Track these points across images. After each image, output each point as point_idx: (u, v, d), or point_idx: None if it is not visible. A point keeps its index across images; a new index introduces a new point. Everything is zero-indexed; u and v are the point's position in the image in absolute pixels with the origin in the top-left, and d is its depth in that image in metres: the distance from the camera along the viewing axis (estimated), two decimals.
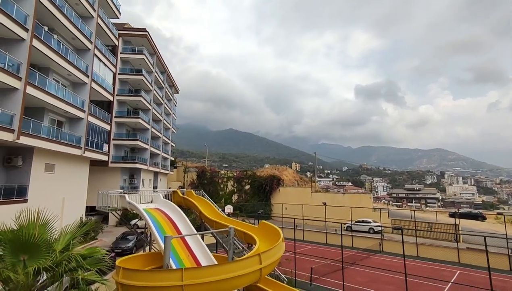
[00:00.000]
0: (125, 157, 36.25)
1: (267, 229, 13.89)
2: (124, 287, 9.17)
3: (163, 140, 47.86)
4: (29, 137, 17.01)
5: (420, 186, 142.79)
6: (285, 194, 40.26)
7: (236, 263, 9.81)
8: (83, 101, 22.75)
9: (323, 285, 16.40)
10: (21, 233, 6.33)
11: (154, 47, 41.68)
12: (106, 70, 27.06)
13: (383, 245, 25.48)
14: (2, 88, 15.90)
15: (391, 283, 17.03)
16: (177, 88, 58.96)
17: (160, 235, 13.83)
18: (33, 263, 6.54)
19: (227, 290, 10.17)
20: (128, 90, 37.22)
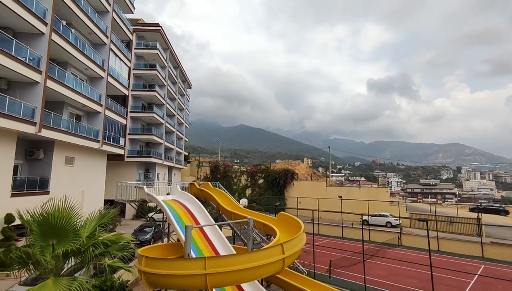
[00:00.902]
0: (140, 151, 36.70)
1: (286, 220, 13.70)
2: (147, 275, 9.19)
3: (176, 135, 48.22)
4: (50, 130, 17.32)
5: (436, 181, 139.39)
6: (299, 188, 39.94)
7: (259, 252, 9.67)
8: (100, 95, 23.03)
9: (343, 278, 16.14)
10: (49, 217, 6.35)
11: (167, 42, 41.82)
12: (122, 65, 27.29)
13: (402, 239, 24.97)
14: (24, 82, 16.20)
15: (413, 276, 16.62)
16: (189, 84, 59.18)
17: (179, 226, 13.87)
18: (61, 247, 6.58)
19: (249, 279, 10.08)
20: (143, 85, 37.53)
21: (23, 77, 15.60)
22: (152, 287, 9.95)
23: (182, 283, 9.14)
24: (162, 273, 9.06)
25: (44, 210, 6.62)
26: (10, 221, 15.06)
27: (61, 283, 6.04)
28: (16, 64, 14.76)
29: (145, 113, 36.55)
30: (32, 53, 16.08)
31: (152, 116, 36.48)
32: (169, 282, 9.18)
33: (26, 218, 7.03)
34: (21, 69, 15.04)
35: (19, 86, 16.26)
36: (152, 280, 9.35)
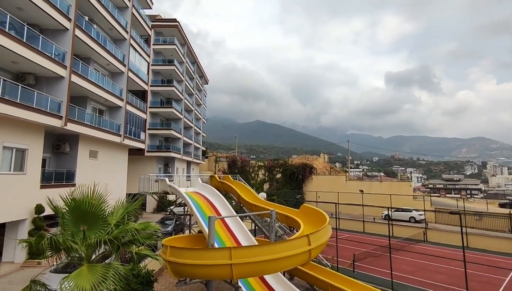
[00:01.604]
0: (159, 146, 37.27)
1: (310, 212, 13.41)
2: (173, 265, 9.20)
3: (194, 130, 48.65)
4: (75, 124, 17.75)
5: (459, 177, 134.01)
6: (318, 182, 39.37)
7: (285, 243, 9.47)
8: (121, 90, 23.41)
9: (367, 273, 15.71)
10: (80, 203, 6.38)
11: (184, 38, 42.04)
12: (141, 60, 27.63)
13: (427, 234, 24.09)
14: (50, 77, 16.63)
15: (441, 272, 15.96)
16: (206, 79, 59.45)
17: (202, 217, 13.89)
18: (91, 234, 6.62)
19: (274, 270, 9.91)
20: (161, 81, 37.97)
21: (49, 72, 16.01)
22: (177, 277, 10.00)
23: (207, 273, 9.09)
24: (187, 262, 9.03)
25: (74, 196, 6.66)
26: (40, 211, 15.59)
27: (97, 270, 6.05)
28: (43, 60, 15.15)
29: (164, 109, 37.01)
30: (57, 49, 16.45)
31: (171, 111, 36.89)
32: (194, 272, 9.16)
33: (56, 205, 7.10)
34: (47, 64, 15.43)
35: (45, 81, 16.72)
36: (177, 270, 9.37)
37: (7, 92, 13.17)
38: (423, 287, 13.64)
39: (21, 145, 14.93)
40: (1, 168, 13.84)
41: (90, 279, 5.75)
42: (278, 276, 11.83)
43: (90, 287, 5.58)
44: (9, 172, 14.37)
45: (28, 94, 14.41)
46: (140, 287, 10.39)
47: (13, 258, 15.10)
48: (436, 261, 17.59)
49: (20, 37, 13.77)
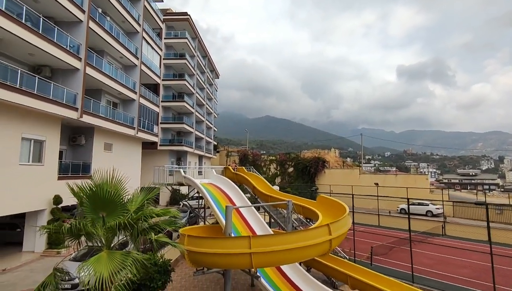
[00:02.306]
0: (172, 140, 37.43)
1: (327, 203, 13.10)
2: (191, 254, 9.09)
3: (206, 124, 48.69)
4: (90, 116, 17.88)
5: (476, 171, 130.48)
6: (331, 176, 38.86)
7: (306, 232, 9.23)
8: (134, 83, 23.47)
9: (385, 266, 15.34)
10: (98, 189, 6.29)
11: (195, 31, 41.89)
12: (154, 54, 27.64)
13: (446, 228, 23.46)
14: (65, 69, 16.75)
15: (464, 266, 15.45)
16: (217, 73, 59.31)
17: (218, 207, 13.77)
18: (111, 220, 6.54)
19: (294, 260, 9.69)
20: (173, 75, 38.02)
21: (64, 64, 16.10)
22: (195, 266, 9.90)
23: (226, 262, 8.94)
24: (206, 251, 8.91)
25: (93, 183, 6.58)
26: (58, 202, 15.81)
27: (116, 256, 5.97)
28: (59, 51, 15.23)
29: (176, 103, 37.08)
30: (72, 41, 16.53)
31: (182, 105, 36.93)
32: (212, 261, 9.03)
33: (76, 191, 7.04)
34: (63, 56, 15.51)
35: (61, 74, 16.84)
36: (195, 259, 9.25)
37: (24, 83, 13.29)
38: (446, 281, 13.21)
39: (39, 137, 15.11)
40: (21, 158, 14.03)
41: (109, 266, 5.66)
42: (296, 266, 11.62)
43: (108, 274, 5.48)
44: (28, 163, 14.57)
45: (44, 85, 14.52)
46: (158, 276, 10.36)
47: (33, 248, 15.40)
48: (457, 254, 17.10)
49: (36, 29, 13.84)
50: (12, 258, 14.41)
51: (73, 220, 6.53)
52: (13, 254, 14.95)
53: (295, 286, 11.03)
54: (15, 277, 12.25)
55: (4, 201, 13.05)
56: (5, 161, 13.14)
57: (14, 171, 13.61)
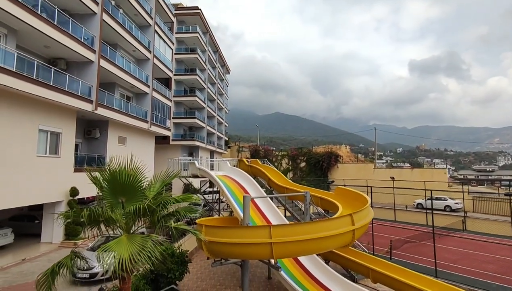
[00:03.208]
0: (184, 135, 37.47)
1: (347, 194, 12.71)
2: (209, 244, 8.88)
3: (217, 120, 48.59)
4: (104, 109, 17.91)
5: (493, 167, 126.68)
6: (344, 170, 38.20)
7: (328, 222, 8.89)
8: (147, 76, 23.45)
9: (405, 260, 14.83)
10: (117, 174, 6.12)
11: (206, 26, 41.67)
12: (166, 47, 27.56)
13: (466, 223, 22.66)
14: (80, 61, 16.79)
15: (489, 262, 14.79)
16: (228, 68, 59.08)
17: (234, 199, 13.56)
18: (130, 205, 6.37)
19: (316, 250, 9.37)
20: (184, 70, 37.94)
21: (79, 56, 16.12)
22: (213, 257, 9.71)
23: (245, 252, 8.70)
24: (224, 241, 8.69)
25: (111, 168, 6.42)
26: (75, 194, 15.91)
27: (136, 239, 5.82)
28: (74, 43, 15.24)
29: (187, 97, 37.04)
30: (86, 33, 16.52)
31: (194, 100, 36.86)
32: (231, 251, 8.80)
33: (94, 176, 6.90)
34: (78, 48, 15.52)
35: (76, 67, 16.89)
36: (213, 249, 9.04)
37: (40, 75, 13.32)
38: (471, 276, 12.66)
39: (55, 129, 15.19)
40: (38, 150, 14.14)
41: (129, 248, 5.51)
42: (315, 259, 11.31)
43: (128, 256, 5.32)
44: (45, 154, 14.68)
45: (60, 77, 14.56)
46: (175, 266, 10.25)
47: (51, 239, 15.57)
48: (480, 250, 16.49)
49: (52, 20, 13.83)
50: (30, 248, 14.59)
51: (93, 207, 6.40)
52: (32, 245, 15.15)
53: (315, 279, 10.74)
54: (34, 266, 12.37)
55: (22, 191, 13.17)
56: (23, 152, 13.25)
57: (32, 162, 13.71)
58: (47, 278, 5.67)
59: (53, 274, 5.78)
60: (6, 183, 12.39)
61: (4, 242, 14.01)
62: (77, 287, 10.34)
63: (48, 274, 5.72)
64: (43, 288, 5.52)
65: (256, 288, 11.82)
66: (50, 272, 5.75)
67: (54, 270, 5.84)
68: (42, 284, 5.57)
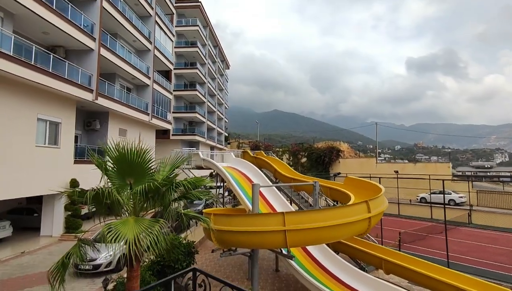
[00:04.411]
0: (184, 129, 36.99)
1: (357, 184, 12.36)
2: (219, 233, 8.50)
3: (217, 115, 48.11)
4: (105, 99, 17.42)
5: (491, 164, 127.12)
6: (346, 165, 37.85)
7: (343, 209, 8.52)
8: (148, 68, 22.94)
9: (415, 252, 14.53)
10: (126, 153, 5.70)
11: (207, 20, 41.09)
12: (166, 39, 27.02)
13: (472, 216, 22.46)
14: (80, 50, 16.27)
15: (500, 254, 14.57)
16: (228, 64, 58.52)
17: (241, 190, 13.17)
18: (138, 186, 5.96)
19: (330, 239, 8.97)
20: (184, 64, 37.41)
21: (79, 44, 15.61)
22: (222, 247, 9.32)
23: (257, 241, 8.30)
24: (235, 230, 8.31)
25: (120, 146, 5.99)
26: (75, 186, 15.42)
27: (143, 222, 5.41)
28: (73, 30, 14.72)
29: (187, 91, 36.54)
30: (86, 20, 16.00)
31: (194, 94, 36.37)
32: (243, 240, 8.40)
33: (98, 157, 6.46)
34: (77, 35, 15.00)
35: (75, 55, 16.37)
36: (223, 239, 8.64)
37: (38, 61, 12.81)
38: (483, 267, 12.40)
39: (55, 118, 14.70)
40: (37, 140, 13.65)
41: (135, 229, 5.09)
42: (325, 249, 10.96)
43: (132, 237, 4.89)
44: (44, 145, 14.19)
45: (59, 64, 14.06)
46: (182, 257, 9.85)
47: (51, 232, 15.13)
48: (491, 242, 16.36)
49: (50, 4, 13.29)
50: (30, 242, 14.15)
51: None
52: (31, 238, 14.71)
53: (326, 270, 10.39)
54: (34, 259, 11.94)
55: (21, 182, 12.70)
56: (21, 142, 12.76)
57: (31, 152, 13.23)
58: (59, 270, 5.33)
59: (64, 266, 5.45)
60: (3, 173, 11.91)
61: (2, 235, 13.57)
62: (80, 280, 9.93)
63: (59, 266, 5.37)
64: (56, 281, 5.20)
65: (264, 281, 11.46)
66: (61, 264, 5.40)
67: (64, 262, 5.48)
68: (55, 276, 5.24)
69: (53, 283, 5.17)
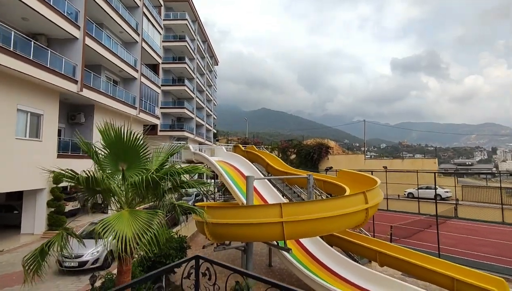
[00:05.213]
0: (172, 125, 36.28)
1: (351, 177, 12.25)
2: (212, 227, 8.20)
3: (206, 112, 47.47)
4: (90, 91, 16.70)
5: (472, 161, 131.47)
6: (335, 162, 38.10)
7: (341, 199, 8.38)
8: (135, 60, 22.21)
9: (405, 246, 14.63)
10: (120, 134, 5.31)
11: (195, 14, 40.35)
12: (154, 32, 26.27)
13: (458, 210, 23.05)
14: (63, 38, 15.51)
15: (485, 245, 14.93)
16: (217, 60, 57.81)
17: (233, 183, 12.87)
18: (132, 174, 5.59)
19: (328, 230, 8.81)
20: (172, 58, 36.62)
21: (62, 32, 14.85)
22: (216, 240, 9.02)
23: (253, 234, 8.04)
24: (230, 222, 8.03)
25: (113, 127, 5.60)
26: (59, 181, 14.74)
27: (140, 215, 4.98)
28: (56, 16, 13.96)
29: (176, 86, 35.79)
30: (69, 7, 15.24)
31: (183, 89, 35.67)
32: (237, 233, 8.12)
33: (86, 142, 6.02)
34: (60, 22, 14.24)
35: (58, 44, 15.58)
36: (217, 232, 8.34)
37: (18, 47, 12.05)
38: (472, 258, 12.62)
39: (36, 110, 13.93)
40: (17, 132, 12.89)
41: (133, 225, 4.67)
42: (319, 242, 10.83)
43: (132, 234, 4.48)
44: (25, 137, 13.44)
45: (41, 53, 13.31)
46: (174, 252, 9.50)
47: (33, 230, 14.39)
48: (476, 234, 16.82)
49: None
50: (10, 240, 13.40)
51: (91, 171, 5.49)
52: (11, 236, 13.93)
53: (321, 263, 10.26)
54: (14, 257, 11.28)
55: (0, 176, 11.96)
56: (0, 133, 12.00)
57: (10, 145, 12.48)
58: (36, 258, 4.80)
59: (43, 254, 4.92)
60: None
61: None
62: (65, 277, 9.40)
63: (37, 254, 4.86)
64: (31, 269, 4.65)
65: None
66: (39, 252, 4.89)
67: (43, 250, 4.98)
68: (30, 264, 4.69)
69: (27, 272, 4.56)
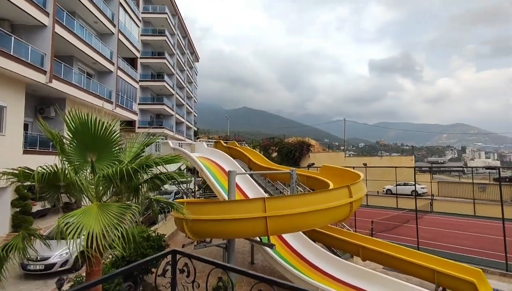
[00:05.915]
0: (151, 122, 35.10)
1: (334, 172, 12.21)
2: (193, 223, 7.77)
3: (186, 109, 46.43)
4: (61, 83, 15.65)
5: (444, 159, 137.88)
6: (316, 159, 38.36)
7: (326, 193, 8.20)
8: (111, 52, 21.15)
9: (386, 240, 14.82)
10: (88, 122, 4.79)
11: (175, 8, 39.27)
12: (132, 24, 25.19)
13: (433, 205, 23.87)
14: (30, 25, 14.38)
15: (464, 238, 15.43)
16: (197, 56, 56.71)
17: (215, 180, 12.43)
18: (102, 166, 5.07)
19: (313, 225, 8.58)
20: (151, 53, 35.40)
21: (28, 18, 13.75)
22: (196, 238, 8.58)
23: (236, 230, 7.68)
24: (211, 218, 7.64)
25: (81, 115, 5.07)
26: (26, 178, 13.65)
27: (111, 209, 4.45)
28: (21, 0, 12.87)
29: (155, 82, 34.64)
30: None
31: (162, 85, 34.58)
32: (219, 229, 7.75)
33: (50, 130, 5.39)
34: (26, 6, 13.17)
35: (24, 31, 14.44)
36: (197, 229, 7.93)
37: None
38: (449, 251, 12.93)
39: None
40: None
41: (102, 219, 4.14)
42: (302, 237, 10.64)
43: (100, 229, 3.96)
44: None
45: (3, 39, 12.24)
46: (151, 251, 8.97)
47: None
48: (453, 228, 17.46)
49: None
50: None
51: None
52: None
53: (303, 258, 10.07)
54: None
55: None
56: None
57: None
58: None
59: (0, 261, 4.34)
60: None
61: None
62: (29, 282, 8.62)
63: None
64: None
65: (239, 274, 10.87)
66: None
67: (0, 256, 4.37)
68: None
69: None
